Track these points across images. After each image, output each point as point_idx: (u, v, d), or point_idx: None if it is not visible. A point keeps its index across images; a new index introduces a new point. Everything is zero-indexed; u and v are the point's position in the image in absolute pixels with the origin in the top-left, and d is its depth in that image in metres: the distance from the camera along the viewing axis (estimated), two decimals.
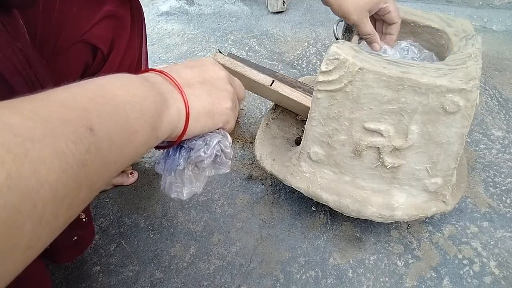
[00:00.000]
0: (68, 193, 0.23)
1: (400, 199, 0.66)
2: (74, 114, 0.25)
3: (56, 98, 0.26)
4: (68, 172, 0.23)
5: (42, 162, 0.21)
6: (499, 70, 1.20)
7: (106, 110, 0.28)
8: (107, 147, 0.27)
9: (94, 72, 0.62)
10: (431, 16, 0.73)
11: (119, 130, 0.28)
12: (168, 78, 0.36)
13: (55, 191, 0.22)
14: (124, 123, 0.29)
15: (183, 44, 1.34)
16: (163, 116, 0.33)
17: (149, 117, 0.31)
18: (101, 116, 0.27)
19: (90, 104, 0.27)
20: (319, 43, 1.32)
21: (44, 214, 0.21)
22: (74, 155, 0.23)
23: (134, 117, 0.30)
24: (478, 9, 1.44)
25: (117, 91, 0.30)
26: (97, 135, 0.26)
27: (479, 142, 0.95)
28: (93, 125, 0.26)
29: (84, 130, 0.25)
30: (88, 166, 0.25)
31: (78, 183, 0.24)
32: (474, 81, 0.55)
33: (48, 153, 0.22)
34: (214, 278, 0.69)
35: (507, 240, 0.75)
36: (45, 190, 0.21)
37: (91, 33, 0.57)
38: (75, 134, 0.24)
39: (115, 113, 0.28)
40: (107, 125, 0.27)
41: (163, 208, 0.81)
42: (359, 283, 0.68)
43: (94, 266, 0.71)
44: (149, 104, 0.32)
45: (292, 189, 0.79)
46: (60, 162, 0.22)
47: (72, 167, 0.23)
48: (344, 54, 0.57)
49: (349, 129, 0.62)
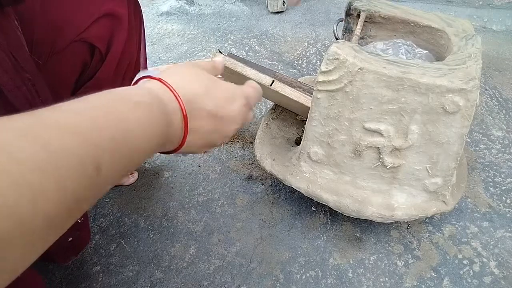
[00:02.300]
0: (61, 222, 0.23)
1: (400, 199, 0.66)
2: (88, 150, 0.24)
3: (68, 124, 0.24)
4: (64, 205, 0.22)
5: (42, 193, 0.21)
6: (499, 70, 1.20)
7: (118, 153, 0.27)
8: (106, 184, 0.26)
9: (92, 71, 0.62)
10: (431, 16, 0.73)
11: (121, 170, 0.28)
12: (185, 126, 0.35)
13: (49, 223, 0.21)
14: (127, 164, 0.29)
15: (183, 44, 1.34)
16: (155, 152, 0.34)
17: (146, 157, 0.32)
18: (113, 158, 0.26)
19: (108, 142, 0.26)
20: (319, 43, 1.32)
21: (34, 243, 0.21)
22: (74, 191, 0.23)
23: (137, 158, 0.30)
24: (478, 9, 1.44)
25: (138, 133, 0.29)
26: (102, 175, 0.25)
27: (479, 142, 0.95)
28: (101, 164, 0.25)
29: (91, 169, 0.24)
30: (83, 201, 0.24)
31: (70, 214, 0.24)
32: (474, 81, 0.55)
33: (50, 185, 0.21)
34: (214, 278, 0.69)
35: (507, 240, 0.75)
36: (40, 221, 0.21)
37: (89, 32, 0.57)
38: (80, 172, 0.23)
39: (124, 156, 0.28)
40: (113, 167, 0.27)
41: (163, 208, 0.81)
42: (359, 283, 0.68)
43: (94, 266, 0.71)
44: (152, 148, 0.32)
45: (292, 189, 0.79)
46: (59, 195, 0.22)
47: (69, 201, 0.23)
48: (344, 54, 0.57)
49: (349, 129, 0.62)
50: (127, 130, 0.28)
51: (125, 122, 0.28)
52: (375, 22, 0.77)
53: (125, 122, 0.28)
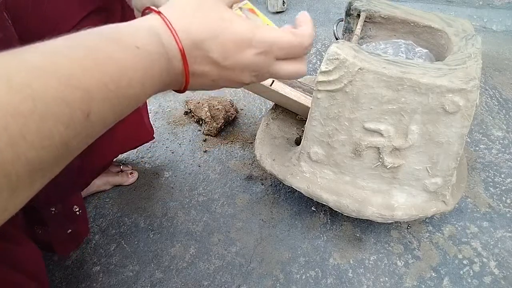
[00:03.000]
0: (45, 168, 0.22)
1: (400, 199, 0.66)
2: (76, 95, 0.23)
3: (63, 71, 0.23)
4: (49, 150, 0.22)
5: (22, 138, 0.20)
6: (499, 70, 1.20)
7: (111, 100, 0.26)
8: (96, 130, 0.25)
9: None
10: (431, 16, 0.73)
11: (113, 116, 0.27)
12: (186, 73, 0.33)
13: (32, 167, 0.21)
14: (122, 111, 0.27)
15: None
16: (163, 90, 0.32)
17: (142, 103, 0.30)
18: (104, 104, 0.25)
19: (100, 89, 0.25)
20: (319, 43, 1.32)
21: (17, 185, 0.21)
22: (61, 136, 0.22)
23: (131, 106, 0.28)
24: (478, 9, 1.44)
25: (134, 83, 0.27)
26: (92, 121, 0.24)
27: (479, 142, 0.95)
28: (91, 111, 0.24)
29: (80, 115, 0.23)
30: (73, 146, 0.24)
31: (57, 160, 0.23)
32: (474, 81, 0.55)
33: (31, 131, 0.20)
34: (214, 278, 0.69)
35: (507, 240, 0.75)
36: (21, 165, 0.20)
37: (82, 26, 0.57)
38: (68, 117, 0.22)
39: (117, 104, 0.26)
40: (105, 114, 0.25)
41: (163, 208, 0.81)
42: (359, 283, 0.68)
43: (94, 266, 0.71)
44: (150, 95, 0.30)
45: (292, 189, 0.79)
46: (42, 141, 0.21)
47: (55, 146, 0.22)
48: (344, 54, 0.57)
49: (349, 129, 0.62)
50: (121, 79, 0.26)
51: (119, 70, 0.26)
52: (375, 22, 0.77)
53: (119, 70, 0.26)
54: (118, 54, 0.27)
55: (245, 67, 0.34)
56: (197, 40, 0.32)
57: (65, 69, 0.23)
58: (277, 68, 0.36)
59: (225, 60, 0.33)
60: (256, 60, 0.34)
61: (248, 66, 0.34)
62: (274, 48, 0.35)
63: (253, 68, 0.35)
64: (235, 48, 0.33)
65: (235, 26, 0.33)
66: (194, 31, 0.32)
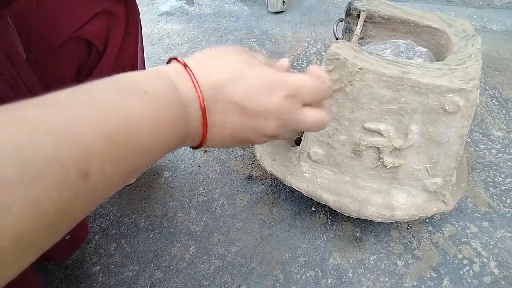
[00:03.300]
0: (38, 240, 0.20)
1: (400, 199, 0.66)
2: (71, 154, 0.20)
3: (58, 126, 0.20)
4: (41, 221, 0.19)
5: (7, 209, 0.18)
6: (499, 70, 1.20)
7: (115, 155, 0.22)
8: (99, 191, 0.22)
9: (90, 69, 0.62)
10: (431, 16, 0.73)
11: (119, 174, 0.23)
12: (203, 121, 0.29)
13: (20, 240, 0.19)
14: (128, 167, 0.24)
15: (183, 44, 1.34)
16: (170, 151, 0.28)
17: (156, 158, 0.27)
18: (106, 161, 0.22)
19: (101, 144, 0.22)
20: (319, 43, 1.32)
21: (5, 263, 0.18)
22: (55, 203, 0.19)
23: (142, 161, 0.25)
24: (478, 9, 1.44)
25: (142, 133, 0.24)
26: (91, 182, 0.21)
27: (479, 142, 0.95)
28: (90, 171, 0.21)
29: (76, 176, 0.20)
30: (71, 213, 0.21)
31: (54, 230, 0.20)
32: (474, 81, 0.55)
33: (18, 200, 0.18)
34: (214, 278, 0.69)
35: (507, 240, 0.75)
36: (7, 240, 0.18)
37: (85, 29, 0.57)
38: (61, 181, 0.20)
39: (123, 159, 0.23)
40: (108, 171, 0.22)
41: (163, 208, 0.81)
42: (359, 283, 0.68)
43: (94, 266, 0.71)
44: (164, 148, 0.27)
45: (292, 189, 0.79)
46: (32, 210, 0.19)
47: (48, 215, 0.19)
48: (344, 54, 0.57)
49: (349, 129, 0.62)
50: (127, 129, 0.23)
51: (125, 119, 0.23)
52: (375, 22, 0.77)
53: (125, 119, 0.23)
54: (122, 100, 0.24)
55: (270, 112, 0.31)
56: (218, 83, 0.29)
57: (60, 122, 0.20)
58: (303, 114, 0.33)
59: (248, 104, 0.30)
60: (283, 104, 0.31)
61: (274, 111, 0.31)
62: (301, 90, 0.32)
63: (279, 114, 0.31)
64: (261, 90, 0.30)
65: (261, 69, 0.31)
66: (215, 73, 0.29)
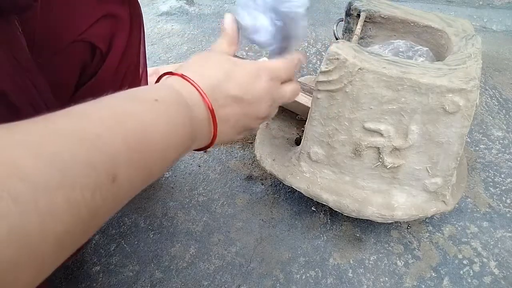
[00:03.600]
0: (74, 241, 0.21)
1: (400, 199, 0.66)
2: (101, 159, 0.22)
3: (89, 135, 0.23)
4: (77, 223, 0.21)
5: (51, 214, 0.19)
6: (499, 70, 1.20)
7: (137, 160, 0.25)
8: (124, 194, 0.25)
9: (93, 71, 0.62)
10: (431, 16, 0.73)
11: (140, 177, 0.26)
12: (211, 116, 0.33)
13: (60, 242, 0.20)
14: (146, 170, 0.26)
15: (183, 44, 1.34)
16: (183, 154, 0.32)
17: (171, 162, 0.30)
18: (130, 165, 0.24)
19: (123, 149, 0.24)
20: (319, 43, 1.32)
21: (44, 264, 0.20)
22: (88, 205, 0.21)
23: (159, 164, 0.28)
24: (478, 9, 1.44)
25: (157, 137, 0.27)
26: (119, 184, 0.23)
27: (479, 142, 0.95)
28: (117, 174, 0.23)
29: (106, 179, 0.22)
30: (100, 214, 0.23)
31: (86, 230, 0.22)
32: (474, 81, 0.55)
33: (60, 204, 0.20)
34: (214, 278, 0.69)
35: (507, 240, 0.75)
36: (49, 243, 0.19)
37: (90, 32, 0.57)
38: (95, 183, 0.22)
39: (142, 162, 0.26)
40: (132, 175, 0.25)
41: (163, 208, 0.81)
42: (359, 283, 0.68)
43: (94, 266, 0.71)
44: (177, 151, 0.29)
45: (292, 189, 0.79)
46: (71, 213, 0.20)
47: (82, 217, 0.21)
48: (344, 54, 0.57)
49: (349, 129, 0.62)
50: (143, 132, 0.26)
51: (140, 123, 0.26)
52: (375, 22, 0.77)
53: (140, 123, 0.26)
54: (137, 108, 0.27)
55: (261, 96, 0.37)
56: (214, 83, 0.34)
57: (91, 132, 0.23)
58: (284, 90, 0.41)
59: (244, 94, 0.35)
60: (269, 86, 0.38)
61: (264, 94, 0.37)
62: (278, 72, 0.39)
63: (269, 95, 0.38)
64: (250, 81, 0.36)
65: (243, 65, 0.37)
66: (208, 76, 0.34)
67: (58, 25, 0.54)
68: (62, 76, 0.59)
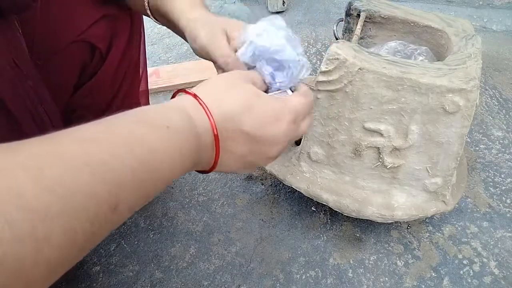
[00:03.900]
0: (66, 266, 0.21)
1: (400, 199, 0.66)
2: (105, 188, 0.22)
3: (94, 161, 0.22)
4: (72, 250, 0.21)
5: (47, 241, 0.19)
6: (499, 70, 1.20)
7: (140, 189, 0.24)
8: (123, 219, 0.24)
9: (92, 71, 0.62)
10: (431, 16, 0.73)
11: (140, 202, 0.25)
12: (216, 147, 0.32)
13: (53, 268, 0.20)
14: (147, 195, 0.26)
15: (183, 44, 1.34)
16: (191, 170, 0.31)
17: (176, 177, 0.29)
18: (133, 194, 0.24)
19: (129, 178, 0.23)
20: (319, 43, 1.32)
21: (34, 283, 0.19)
22: (86, 234, 0.21)
23: (159, 189, 0.27)
24: (478, 9, 1.44)
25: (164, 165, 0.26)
26: (118, 213, 0.23)
27: (479, 142, 0.95)
28: (119, 204, 0.23)
29: (107, 210, 0.22)
30: (97, 239, 0.22)
31: (80, 255, 0.22)
32: (474, 81, 0.55)
33: (57, 232, 0.19)
34: (214, 278, 0.69)
35: (507, 240, 0.75)
36: (42, 269, 0.19)
37: (90, 32, 0.57)
38: (95, 213, 0.21)
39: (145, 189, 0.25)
40: (133, 203, 0.24)
41: (163, 208, 0.81)
42: (359, 283, 0.68)
43: (94, 266, 0.71)
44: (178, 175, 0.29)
45: (292, 189, 0.79)
46: (67, 241, 0.20)
47: (78, 244, 0.21)
48: (344, 54, 0.57)
49: (349, 129, 0.62)
50: (151, 161, 0.25)
51: (149, 152, 0.25)
52: (375, 22, 0.77)
53: (149, 152, 0.25)
54: (147, 136, 0.26)
55: (279, 139, 0.34)
56: (229, 113, 0.31)
57: (97, 158, 0.22)
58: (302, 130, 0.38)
59: (257, 133, 0.33)
60: (289, 129, 0.35)
61: (283, 137, 0.35)
62: (300, 112, 0.36)
63: (285, 138, 0.35)
64: (268, 121, 0.33)
65: (267, 100, 0.34)
66: (225, 104, 0.32)
67: (57, 25, 0.54)
68: (61, 77, 0.59)
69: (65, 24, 0.55)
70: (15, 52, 0.42)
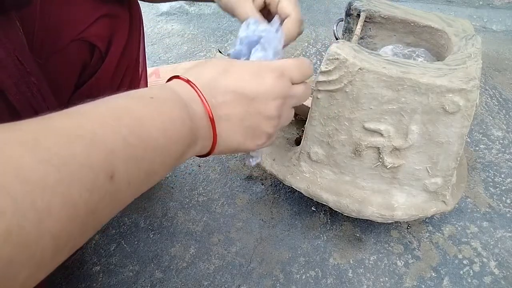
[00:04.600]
0: (71, 240, 0.21)
1: (400, 199, 0.66)
2: (99, 157, 0.22)
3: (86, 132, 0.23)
4: (74, 221, 0.21)
5: (48, 213, 0.19)
6: (499, 70, 1.20)
7: (134, 156, 0.25)
8: (123, 192, 0.25)
9: (92, 70, 0.62)
10: (431, 16, 0.73)
11: (140, 176, 0.26)
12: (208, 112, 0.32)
13: (57, 241, 0.20)
14: (147, 168, 0.26)
15: (183, 44, 1.34)
16: (187, 154, 0.31)
17: (174, 160, 0.29)
18: (127, 162, 0.24)
19: (121, 145, 0.24)
20: (319, 43, 1.32)
21: (42, 261, 0.20)
22: (86, 204, 0.21)
23: (160, 162, 0.28)
24: (478, 9, 1.44)
25: (155, 132, 0.27)
26: (116, 183, 0.23)
27: (479, 142, 0.95)
28: (115, 172, 0.23)
29: (104, 178, 0.22)
30: (98, 213, 0.23)
31: (84, 229, 0.22)
32: (474, 81, 0.55)
33: (57, 203, 0.20)
34: (214, 278, 0.69)
35: (507, 240, 0.75)
36: (46, 242, 0.19)
37: (89, 31, 0.57)
38: (92, 182, 0.22)
39: (141, 159, 0.26)
40: (129, 172, 0.25)
41: (163, 208, 0.81)
42: (359, 283, 0.68)
43: (94, 266, 0.71)
44: (178, 148, 0.29)
45: (292, 189, 0.79)
46: (68, 212, 0.20)
47: (80, 216, 0.21)
48: (344, 54, 0.57)
49: (349, 129, 0.62)
50: (140, 127, 0.26)
51: (136, 119, 0.26)
52: (375, 22, 0.77)
53: (136, 119, 0.26)
54: (133, 105, 0.27)
55: (267, 92, 0.34)
56: (210, 79, 0.32)
57: (88, 129, 0.23)
58: (295, 90, 0.38)
59: (245, 88, 0.33)
60: (277, 83, 0.34)
61: (270, 91, 0.34)
62: (286, 70, 0.36)
63: (276, 93, 0.34)
64: (251, 75, 0.34)
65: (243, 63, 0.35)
66: (204, 74, 0.33)
67: (57, 24, 0.54)
68: (61, 76, 0.59)
69: (64, 23, 0.55)
70: (18, 50, 0.42)
